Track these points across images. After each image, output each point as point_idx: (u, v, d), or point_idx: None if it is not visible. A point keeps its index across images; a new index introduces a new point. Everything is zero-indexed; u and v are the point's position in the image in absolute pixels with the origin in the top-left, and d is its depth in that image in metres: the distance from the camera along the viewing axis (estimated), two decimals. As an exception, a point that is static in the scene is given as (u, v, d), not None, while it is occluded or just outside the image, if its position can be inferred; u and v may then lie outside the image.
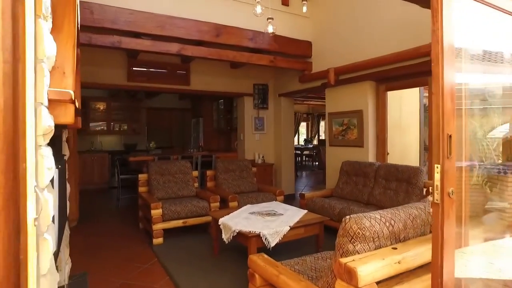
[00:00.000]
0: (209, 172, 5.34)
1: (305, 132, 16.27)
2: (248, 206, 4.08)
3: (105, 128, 9.26)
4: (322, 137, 15.07)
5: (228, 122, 8.52)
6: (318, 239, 3.50)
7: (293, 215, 3.59)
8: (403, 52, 4.34)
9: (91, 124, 9.12)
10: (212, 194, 4.69)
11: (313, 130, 15.90)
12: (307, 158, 14.13)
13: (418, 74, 4.37)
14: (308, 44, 6.00)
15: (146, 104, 10.04)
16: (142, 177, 4.91)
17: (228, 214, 3.69)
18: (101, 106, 9.28)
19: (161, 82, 6.13)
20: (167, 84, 6.19)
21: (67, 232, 3.00)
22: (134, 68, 5.92)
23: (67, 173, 3.05)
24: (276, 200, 4.99)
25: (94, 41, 4.32)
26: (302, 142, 14.98)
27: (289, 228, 3.16)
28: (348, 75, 5.23)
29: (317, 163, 13.44)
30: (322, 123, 15.36)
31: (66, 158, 3.00)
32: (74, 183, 5.18)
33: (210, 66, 6.60)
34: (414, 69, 4.27)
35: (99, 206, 6.62)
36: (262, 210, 3.80)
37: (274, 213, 3.63)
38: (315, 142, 15.69)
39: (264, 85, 7.17)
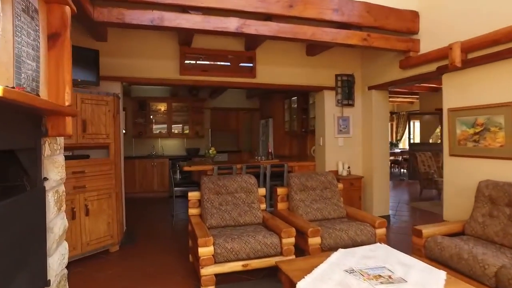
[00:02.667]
0: (280, 191, 4.01)
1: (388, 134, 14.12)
2: (341, 252, 2.64)
3: (166, 131, 8.51)
4: (414, 140, 12.83)
5: (302, 123, 7.12)
6: (476, 333, 1.94)
7: (424, 281, 2.07)
8: None
9: (151, 127, 8.44)
10: (284, 224, 3.34)
11: (398, 131, 13.74)
12: (392, 165, 12.08)
13: None
14: (413, 15, 4.35)
15: (210, 104, 9.12)
16: (192, 195, 3.76)
17: (309, 268, 2.31)
18: (162, 107, 8.56)
19: (221, 74, 4.98)
20: (228, 77, 5.02)
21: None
22: (187, 60, 4.85)
23: (54, 203, 1.93)
24: (375, 235, 3.47)
25: (128, 19, 3.28)
26: (386, 146, 12.90)
27: (431, 322, 1.67)
28: (485, 50, 3.49)
29: (406, 171, 11.36)
30: (407, 123, 13.12)
31: (52, 182, 1.88)
32: (117, 199, 4.24)
33: (281, 53, 5.28)
34: None
35: (152, 221, 5.71)
36: (366, 266, 2.34)
37: (390, 277, 2.15)
38: (401, 145, 13.51)
39: (350, 76, 5.64)
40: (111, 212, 4.14)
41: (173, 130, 8.58)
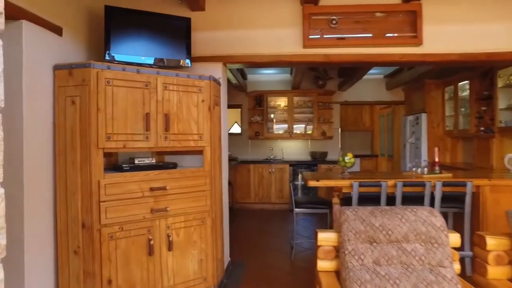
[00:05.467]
0: (494, 243, 2.07)
1: None
2: None
3: (287, 130, 7.15)
4: None
5: (480, 118, 4.81)
6: None
7: None
8: None
9: (269, 126, 7.19)
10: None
11: None
12: None
13: None
14: None
15: (339, 97, 7.39)
16: (325, 239, 2.17)
17: None
18: (282, 102, 7.24)
19: (365, 42, 3.27)
20: (377, 46, 3.27)
21: None
22: (313, 25, 3.30)
23: None
24: None
25: None
26: None
27: None
28: None
29: None
30: None
31: None
32: (214, 226, 2.99)
33: (464, 2, 3.26)
34: None
35: (265, 248, 4.36)
36: None
37: None
38: None
39: None
40: (204, 245, 2.89)
41: (294, 131, 7.16)
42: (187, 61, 3.05)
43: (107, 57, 2.73)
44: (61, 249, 2.48)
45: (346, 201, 3.85)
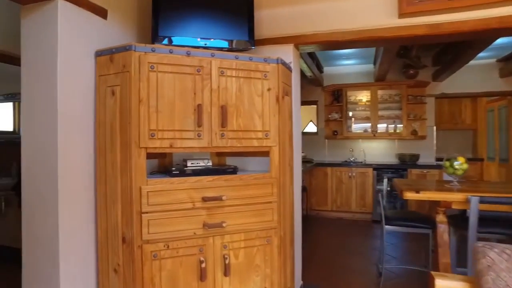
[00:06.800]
0: None
1: None
2: None
3: (370, 129, 6.23)
4: None
5: None
6: None
7: None
8: None
9: (348, 124, 6.35)
10: None
11: None
12: None
13: None
14: None
15: (434, 89, 6.23)
16: None
17: None
18: (363, 97, 6.33)
19: (490, 1, 2.35)
20: (509, 4, 2.34)
21: None
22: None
23: None
24: None
25: None
26: None
27: None
28: None
29: None
30: None
31: None
32: (282, 246, 2.39)
33: None
34: None
35: (346, 268, 3.61)
36: None
37: None
38: None
39: None
40: (269, 270, 2.30)
41: (378, 129, 6.22)
42: (249, 40, 2.51)
43: (165, 42, 2.32)
44: (101, 266, 2.11)
45: (455, 220, 2.97)
